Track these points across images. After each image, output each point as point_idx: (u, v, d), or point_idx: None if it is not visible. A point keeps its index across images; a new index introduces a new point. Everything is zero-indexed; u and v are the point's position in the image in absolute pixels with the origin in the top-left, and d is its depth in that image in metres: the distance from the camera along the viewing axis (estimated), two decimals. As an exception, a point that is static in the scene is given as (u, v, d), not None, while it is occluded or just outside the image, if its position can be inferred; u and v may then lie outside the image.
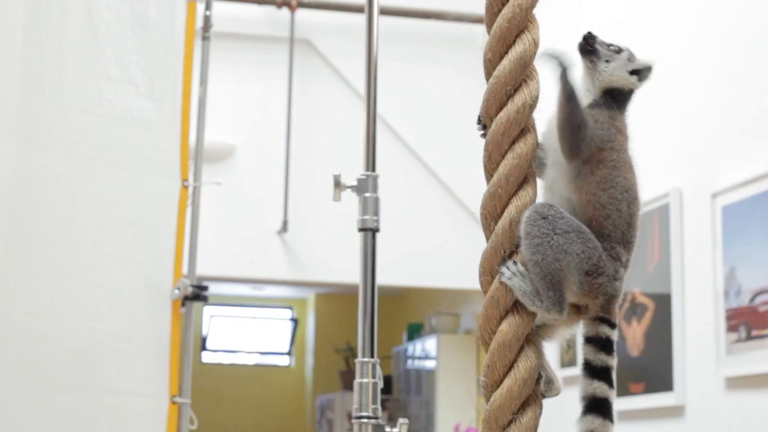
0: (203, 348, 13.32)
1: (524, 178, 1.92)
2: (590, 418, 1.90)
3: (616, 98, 2.01)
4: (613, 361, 1.93)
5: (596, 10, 6.32)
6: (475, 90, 2.11)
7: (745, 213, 4.67)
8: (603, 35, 2.05)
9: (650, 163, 5.45)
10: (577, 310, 1.94)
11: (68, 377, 3.78)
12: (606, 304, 1.93)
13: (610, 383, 1.91)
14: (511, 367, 1.87)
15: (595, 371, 1.91)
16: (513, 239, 1.89)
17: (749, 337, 4.59)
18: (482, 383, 1.89)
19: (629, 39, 6.26)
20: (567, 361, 6.12)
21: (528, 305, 1.88)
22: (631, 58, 2.02)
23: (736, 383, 4.70)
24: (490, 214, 1.92)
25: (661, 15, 5.64)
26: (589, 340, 1.94)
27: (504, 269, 1.88)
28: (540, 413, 1.89)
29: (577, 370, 1.98)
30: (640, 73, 2.02)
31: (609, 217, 1.92)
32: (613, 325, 1.94)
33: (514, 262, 1.88)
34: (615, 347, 1.94)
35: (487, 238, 1.92)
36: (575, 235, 1.88)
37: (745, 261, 4.65)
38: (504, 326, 1.88)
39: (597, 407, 1.90)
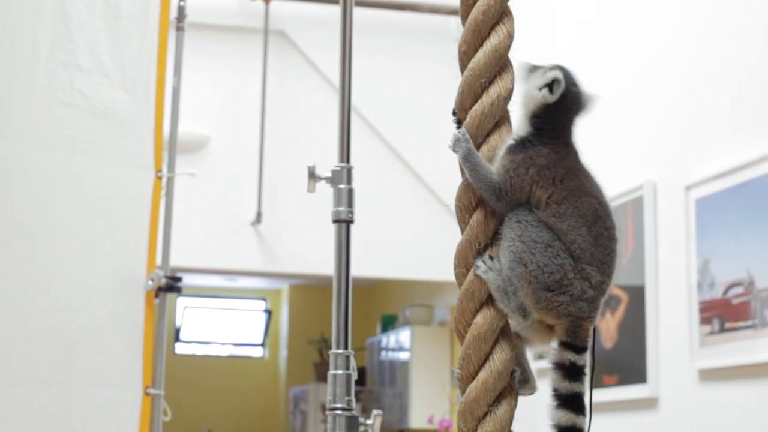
0: (177, 339, 13.29)
1: (498, 170, 1.91)
2: None
3: (547, 124, 1.90)
4: (581, 387, 1.88)
5: (571, 2, 6.31)
6: (449, 82, 2.11)
7: (719, 206, 4.68)
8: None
9: (624, 156, 5.46)
10: (550, 328, 1.90)
11: (41, 368, 3.76)
12: (572, 327, 1.87)
13: (577, 410, 1.87)
14: (486, 360, 1.86)
15: (562, 399, 1.87)
16: (488, 232, 1.89)
17: (722, 330, 4.60)
18: (457, 375, 1.88)
19: (603, 33, 6.26)
20: (538, 355, 6.13)
21: (498, 301, 1.87)
22: (547, 72, 1.89)
23: (709, 375, 4.71)
24: (465, 207, 1.91)
25: (635, 9, 5.64)
26: (555, 366, 1.89)
27: (479, 263, 1.88)
28: (515, 406, 1.89)
29: (548, 363, 1.96)
30: (549, 86, 1.88)
31: (574, 242, 1.86)
32: (579, 350, 1.88)
33: (490, 257, 1.88)
34: (585, 370, 1.88)
35: (462, 231, 1.91)
36: (542, 247, 1.84)
37: (719, 253, 4.66)
38: (479, 319, 1.88)
39: None
